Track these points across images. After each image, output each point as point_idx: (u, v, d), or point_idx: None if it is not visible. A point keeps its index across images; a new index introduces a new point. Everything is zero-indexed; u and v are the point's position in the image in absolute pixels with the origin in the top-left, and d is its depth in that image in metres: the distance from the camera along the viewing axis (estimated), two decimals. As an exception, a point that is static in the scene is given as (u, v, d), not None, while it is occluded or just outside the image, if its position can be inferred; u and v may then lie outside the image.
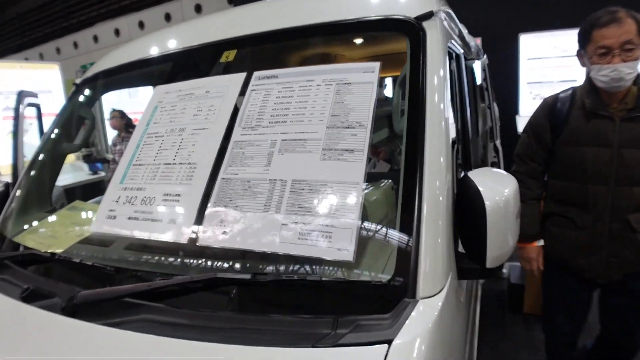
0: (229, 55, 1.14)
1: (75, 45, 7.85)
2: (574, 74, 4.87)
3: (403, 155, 0.83)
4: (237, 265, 0.83)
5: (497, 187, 0.84)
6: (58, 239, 1.12)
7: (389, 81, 3.16)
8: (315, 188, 0.83)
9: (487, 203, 0.80)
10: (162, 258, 0.93)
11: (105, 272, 0.90)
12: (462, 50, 1.46)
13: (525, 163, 1.53)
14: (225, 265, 0.84)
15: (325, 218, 0.79)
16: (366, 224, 0.79)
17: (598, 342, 1.72)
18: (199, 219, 0.89)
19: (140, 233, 0.94)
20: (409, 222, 0.75)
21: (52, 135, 1.42)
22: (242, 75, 1.06)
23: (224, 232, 0.85)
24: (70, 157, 4.19)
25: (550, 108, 1.47)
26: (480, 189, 0.82)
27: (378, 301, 0.71)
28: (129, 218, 0.98)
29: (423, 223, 0.75)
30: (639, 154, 1.31)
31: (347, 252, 0.75)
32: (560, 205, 1.49)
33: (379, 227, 0.80)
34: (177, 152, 1.02)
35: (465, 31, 1.78)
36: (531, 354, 2.19)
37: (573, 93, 1.44)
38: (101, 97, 1.81)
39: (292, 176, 0.86)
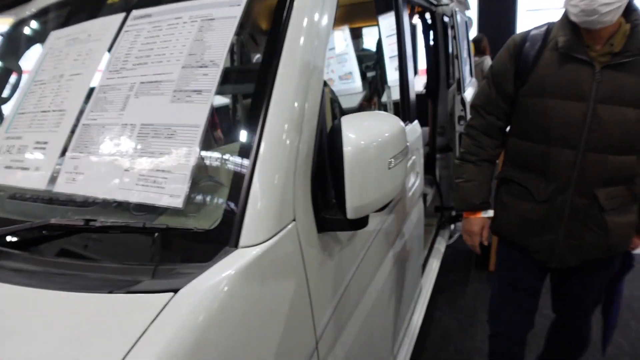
0: (116, -5, 1.06)
1: None
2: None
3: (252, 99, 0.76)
4: (76, 211, 0.80)
5: (366, 132, 0.76)
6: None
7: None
8: (159, 132, 0.77)
9: (347, 149, 0.73)
10: (25, 206, 0.91)
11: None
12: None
13: (480, 116, 1.28)
14: (70, 211, 0.81)
15: (162, 163, 0.74)
16: (202, 171, 0.73)
17: (551, 325, 1.52)
18: (58, 167, 0.85)
19: (12, 181, 0.92)
20: (240, 170, 0.69)
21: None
22: (121, 16, 0.99)
23: (74, 179, 0.82)
24: None
25: (517, 49, 1.17)
26: (343, 133, 0.74)
27: (202, 250, 0.67)
28: (6, 167, 0.96)
29: (256, 171, 0.69)
30: (620, 113, 1.04)
31: (177, 199, 0.71)
32: (517, 170, 1.24)
33: (215, 174, 0.74)
34: (52, 99, 0.98)
35: None
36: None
37: (547, 30, 1.15)
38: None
39: (141, 120, 0.80)
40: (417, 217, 1.62)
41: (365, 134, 0.75)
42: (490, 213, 1.33)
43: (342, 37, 2.52)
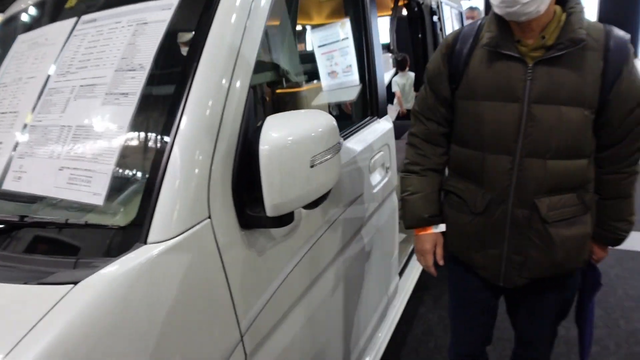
0: (72, 0, 1.11)
1: None
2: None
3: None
4: (23, 207, 0.85)
5: (287, 130, 0.78)
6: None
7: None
8: (90, 133, 0.82)
9: (263, 147, 0.75)
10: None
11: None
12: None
13: (421, 122, 1.18)
14: (20, 208, 0.86)
15: (88, 163, 0.78)
16: (123, 170, 0.77)
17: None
18: (7, 166, 0.91)
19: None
20: (155, 169, 0.73)
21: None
22: (73, 21, 1.03)
23: (19, 178, 0.87)
24: None
25: (449, 49, 1.09)
26: (262, 131, 0.77)
27: (116, 245, 0.71)
28: (-31, 165, 1.03)
29: (167, 171, 0.72)
30: (558, 113, 0.95)
31: (99, 197, 0.75)
32: (457, 179, 1.15)
33: (136, 172, 0.78)
34: (10, 101, 1.04)
35: None
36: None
37: (479, 26, 1.06)
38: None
39: (76, 122, 0.85)
40: (387, 214, 1.62)
41: (286, 133, 0.77)
42: (442, 227, 1.21)
43: (343, 30, 2.52)
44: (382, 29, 3.48)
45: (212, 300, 0.75)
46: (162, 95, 0.82)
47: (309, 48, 3.02)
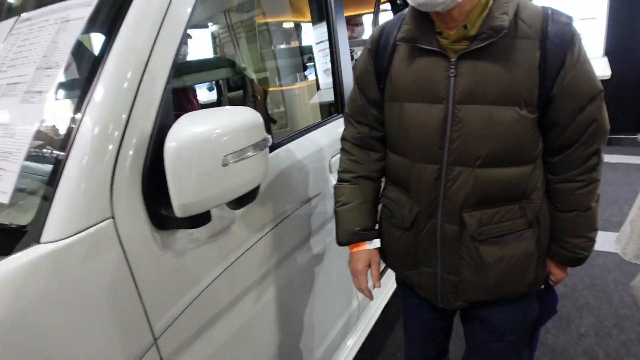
0: None
1: None
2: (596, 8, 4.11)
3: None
4: None
5: (200, 128, 0.76)
6: None
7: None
8: (7, 131, 0.81)
9: (170, 144, 0.73)
10: None
11: None
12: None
13: (352, 126, 1.07)
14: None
15: (1, 162, 0.78)
16: (30, 168, 0.76)
17: None
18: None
19: None
20: (56, 169, 0.72)
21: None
22: (14, 20, 1.04)
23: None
24: None
25: (374, 44, 0.98)
26: (172, 129, 0.75)
27: (14, 244, 0.70)
28: None
29: (66, 170, 0.70)
30: (486, 114, 0.83)
31: (5, 195, 0.74)
32: (391, 188, 1.05)
33: (41, 172, 0.77)
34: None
35: None
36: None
37: (403, 18, 0.93)
38: None
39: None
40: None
41: (197, 130, 0.75)
42: (377, 243, 1.07)
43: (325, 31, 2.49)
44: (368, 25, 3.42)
45: (116, 300, 0.73)
46: (71, 94, 0.81)
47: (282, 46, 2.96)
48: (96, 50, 0.81)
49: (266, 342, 1.16)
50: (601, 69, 4.26)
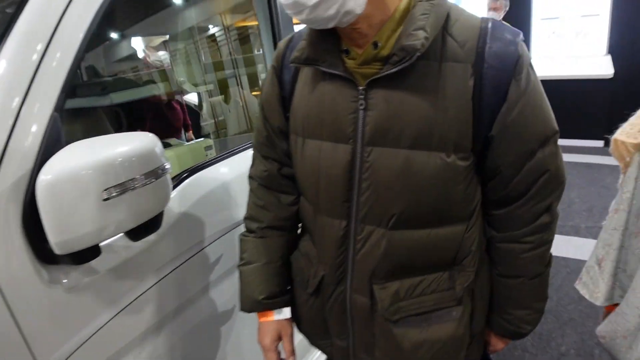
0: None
1: None
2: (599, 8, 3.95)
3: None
4: None
5: (81, 157, 0.71)
6: None
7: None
8: None
9: (43, 177, 0.69)
10: None
11: None
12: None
13: (258, 161, 0.87)
14: None
15: None
16: None
17: None
18: None
19: None
20: None
21: None
22: None
23: None
24: None
25: (279, 61, 0.79)
26: (51, 159, 0.71)
27: None
28: None
29: None
30: (403, 161, 0.65)
31: None
32: (305, 237, 0.87)
33: None
34: None
35: None
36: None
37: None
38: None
39: None
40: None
41: (76, 161, 0.70)
42: (287, 313, 0.88)
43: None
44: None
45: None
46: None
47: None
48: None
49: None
50: (604, 67, 4.10)
